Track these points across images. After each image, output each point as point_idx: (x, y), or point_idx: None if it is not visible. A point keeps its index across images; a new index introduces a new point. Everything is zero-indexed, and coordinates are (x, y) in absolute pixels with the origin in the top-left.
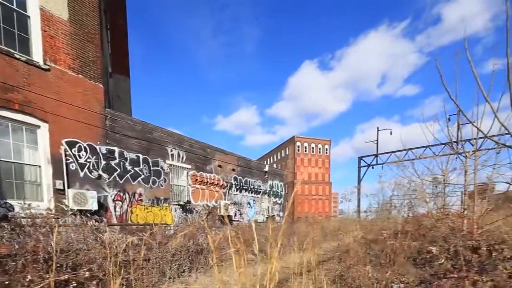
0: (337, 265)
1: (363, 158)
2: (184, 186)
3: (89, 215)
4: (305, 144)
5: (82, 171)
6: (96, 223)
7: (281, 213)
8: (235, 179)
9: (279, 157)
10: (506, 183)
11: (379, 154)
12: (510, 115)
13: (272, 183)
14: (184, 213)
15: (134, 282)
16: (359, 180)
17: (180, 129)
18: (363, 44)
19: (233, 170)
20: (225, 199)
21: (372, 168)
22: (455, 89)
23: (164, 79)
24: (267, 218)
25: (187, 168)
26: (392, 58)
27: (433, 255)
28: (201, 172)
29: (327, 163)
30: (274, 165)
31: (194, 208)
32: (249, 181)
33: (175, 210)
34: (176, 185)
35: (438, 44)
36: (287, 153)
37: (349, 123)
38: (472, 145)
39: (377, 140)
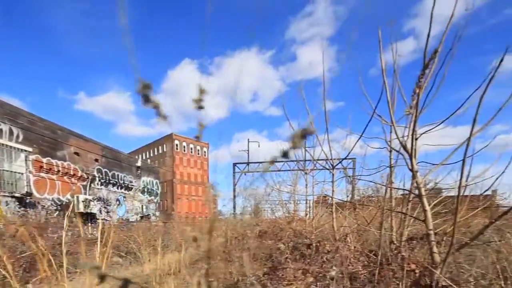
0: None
1: (237, 165)
2: (22, 174)
3: None
4: (184, 144)
5: None
6: None
7: (157, 213)
8: (99, 171)
9: (156, 153)
10: (329, 196)
11: (250, 162)
12: (330, 146)
13: (147, 180)
14: (23, 208)
15: None
16: (234, 184)
17: (21, 100)
18: (239, 58)
19: (96, 160)
20: (85, 194)
21: (245, 175)
22: (297, 120)
23: None
24: (141, 217)
25: (26, 150)
26: (262, 80)
27: (281, 251)
28: (49, 158)
29: (206, 165)
30: (149, 161)
31: (38, 202)
32: (118, 175)
33: (7, 204)
34: (7, 171)
35: (295, 78)
36: (164, 150)
37: (228, 130)
38: (313, 164)
39: (248, 150)
